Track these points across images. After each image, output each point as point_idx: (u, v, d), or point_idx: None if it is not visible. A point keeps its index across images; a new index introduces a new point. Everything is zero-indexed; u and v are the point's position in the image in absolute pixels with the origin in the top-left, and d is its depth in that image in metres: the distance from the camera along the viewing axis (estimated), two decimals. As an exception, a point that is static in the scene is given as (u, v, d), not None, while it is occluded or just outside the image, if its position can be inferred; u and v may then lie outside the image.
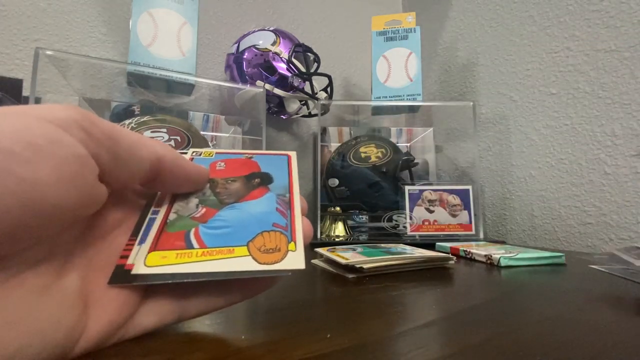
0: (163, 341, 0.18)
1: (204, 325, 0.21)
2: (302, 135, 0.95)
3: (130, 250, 0.17)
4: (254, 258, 0.17)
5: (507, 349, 0.18)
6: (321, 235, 0.69)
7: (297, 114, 0.79)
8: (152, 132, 0.53)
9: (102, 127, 0.14)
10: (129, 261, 0.17)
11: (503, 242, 0.62)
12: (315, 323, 0.22)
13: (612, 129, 0.62)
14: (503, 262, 0.41)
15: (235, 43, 0.75)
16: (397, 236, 0.69)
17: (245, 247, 0.18)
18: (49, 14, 0.65)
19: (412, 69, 0.80)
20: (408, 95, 0.80)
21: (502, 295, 0.30)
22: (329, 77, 0.74)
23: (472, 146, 0.83)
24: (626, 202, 0.59)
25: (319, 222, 0.70)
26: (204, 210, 0.20)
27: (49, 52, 0.48)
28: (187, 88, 0.65)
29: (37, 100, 0.49)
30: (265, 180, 0.22)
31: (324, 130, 0.91)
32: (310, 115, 0.81)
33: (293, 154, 0.25)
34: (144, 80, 0.61)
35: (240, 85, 0.70)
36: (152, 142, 0.17)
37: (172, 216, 0.19)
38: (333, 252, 0.41)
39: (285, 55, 0.71)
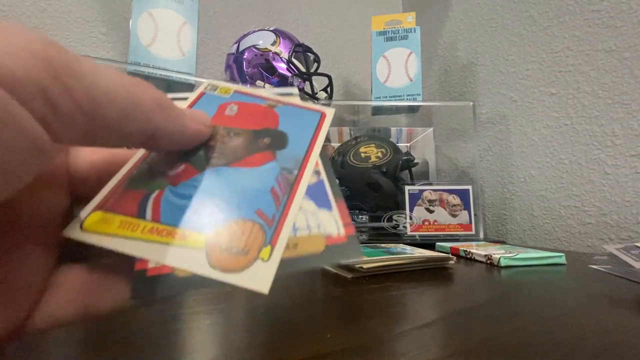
0: (163, 341, 0.18)
1: (204, 325, 0.21)
2: (302, 135, 0.95)
3: None
4: (207, 255, 0.13)
5: (507, 349, 0.18)
6: (321, 235, 0.69)
7: (297, 114, 0.79)
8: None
9: (79, 95, 0.10)
10: (151, 264, 0.13)
11: (503, 242, 0.62)
12: (315, 323, 0.22)
13: (612, 129, 0.62)
14: (503, 262, 0.41)
15: (235, 43, 0.75)
16: (397, 236, 0.69)
17: (204, 237, 0.13)
18: (49, 14, 0.65)
19: (412, 69, 0.80)
20: (408, 95, 0.80)
21: (502, 295, 0.30)
22: (329, 77, 0.74)
23: (472, 146, 0.83)
24: (626, 202, 0.59)
25: (319, 222, 0.70)
26: (183, 167, 0.15)
27: (49, 52, 0.48)
28: (187, 88, 0.65)
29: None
30: (277, 142, 0.17)
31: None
32: (310, 115, 0.81)
33: (330, 112, 0.18)
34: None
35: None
36: (148, 107, 0.13)
37: (142, 167, 0.15)
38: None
39: (285, 55, 0.71)
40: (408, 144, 0.92)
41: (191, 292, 0.28)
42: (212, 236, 0.13)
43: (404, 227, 0.69)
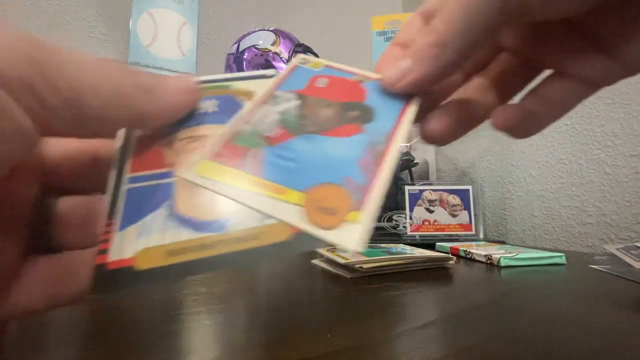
0: (163, 341, 0.18)
1: (204, 325, 0.21)
2: (302, 135, 0.95)
3: (109, 239, 0.13)
4: (305, 211, 0.14)
5: (507, 349, 0.18)
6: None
7: (297, 114, 0.79)
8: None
9: (64, 88, 0.11)
10: (112, 256, 0.13)
11: (503, 242, 0.62)
12: (315, 323, 0.22)
13: (612, 129, 0.62)
14: (503, 262, 0.41)
15: (235, 43, 0.75)
16: (397, 236, 0.69)
17: (301, 194, 0.14)
18: (49, 14, 0.65)
19: (412, 69, 0.80)
20: (408, 95, 0.80)
21: (502, 295, 0.30)
22: (329, 77, 0.74)
23: (472, 146, 0.83)
24: (626, 202, 0.59)
25: (319, 222, 0.70)
26: (280, 132, 0.16)
27: (49, 52, 0.48)
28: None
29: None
30: (365, 116, 0.17)
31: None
32: (310, 115, 0.81)
33: (416, 100, 0.18)
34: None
35: (240, 85, 0.70)
36: (131, 93, 0.13)
37: (246, 127, 0.16)
38: (333, 252, 0.41)
39: (285, 55, 0.71)
40: (408, 144, 0.92)
41: (190, 293, 0.28)
42: (307, 196, 0.14)
43: (404, 227, 0.69)
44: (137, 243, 0.13)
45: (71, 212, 0.16)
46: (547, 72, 0.18)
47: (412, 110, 0.18)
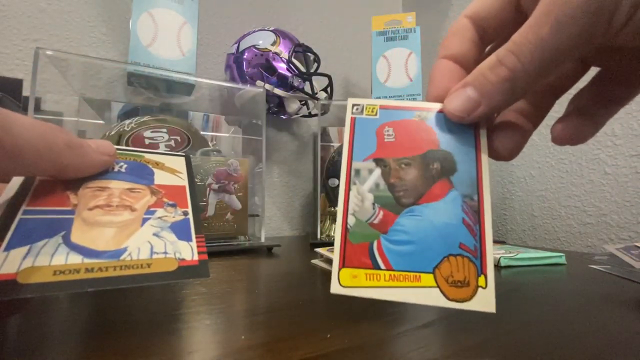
0: (163, 341, 0.18)
1: (204, 325, 0.21)
2: (302, 135, 0.95)
3: None
4: (441, 291, 0.16)
5: (507, 349, 0.18)
6: (321, 235, 0.69)
7: (297, 114, 0.79)
8: (152, 132, 0.53)
9: (7, 143, 0.14)
10: None
11: (503, 242, 0.62)
12: (315, 323, 0.22)
13: (612, 129, 0.62)
14: (503, 262, 0.41)
15: (235, 43, 0.75)
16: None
17: (432, 276, 0.16)
18: (49, 14, 0.65)
19: (412, 69, 0.80)
20: (408, 95, 0.80)
21: (502, 295, 0.30)
22: (329, 77, 0.74)
23: (472, 146, 0.82)
24: (626, 202, 0.59)
25: (319, 222, 0.70)
26: (382, 213, 0.17)
27: (49, 52, 0.48)
28: (187, 88, 0.65)
29: (37, 100, 0.49)
30: (447, 167, 0.17)
31: (324, 130, 0.91)
32: (310, 115, 0.81)
33: (484, 129, 0.18)
34: (144, 80, 0.61)
35: (240, 85, 0.70)
36: (59, 148, 0.16)
37: (350, 219, 0.18)
38: (333, 252, 0.41)
39: (285, 55, 0.71)
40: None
41: (190, 293, 0.28)
42: (437, 275, 0.16)
43: (404, 227, 0.68)
44: (22, 262, 0.15)
45: None
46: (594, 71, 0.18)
47: (484, 143, 0.18)
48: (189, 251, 0.18)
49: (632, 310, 0.25)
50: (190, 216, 0.20)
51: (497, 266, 0.41)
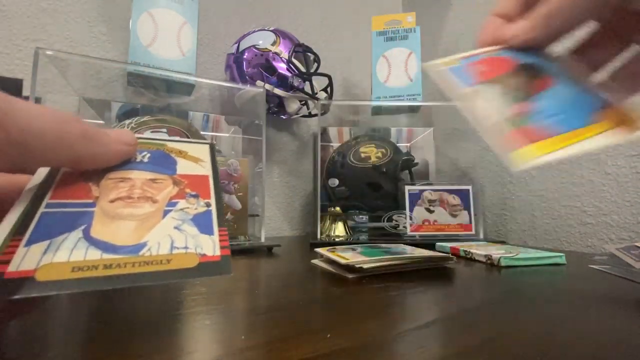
0: (163, 341, 0.18)
1: (204, 325, 0.21)
2: (302, 135, 0.95)
3: (14, 252, 0.14)
4: (617, 127, 0.17)
5: (507, 349, 0.18)
6: (321, 235, 0.69)
7: (297, 114, 0.79)
8: (152, 131, 0.53)
9: (14, 135, 0.13)
10: (11, 267, 0.14)
11: (503, 242, 0.62)
12: (315, 323, 0.22)
13: (612, 129, 0.62)
14: (503, 262, 0.41)
15: (235, 43, 0.75)
16: (397, 236, 0.69)
17: (600, 124, 0.17)
18: (49, 14, 0.65)
19: (412, 69, 0.80)
20: (408, 95, 0.80)
21: (502, 295, 0.30)
22: (329, 77, 0.74)
23: (472, 146, 0.83)
24: (626, 202, 0.59)
25: (319, 222, 0.70)
26: (519, 107, 0.19)
27: (49, 52, 0.48)
28: (187, 88, 0.65)
29: (37, 100, 0.49)
30: (541, 67, 0.20)
31: (324, 130, 0.91)
32: (310, 115, 0.81)
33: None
34: (144, 80, 0.61)
35: (240, 85, 0.70)
36: (73, 139, 0.16)
37: (508, 114, 0.18)
38: (333, 252, 0.41)
39: (285, 55, 0.71)
40: (408, 144, 0.92)
41: (190, 293, 0.28)
42: (602, 119, 0.18)
43: (404, 227, 0.69)
44: (42, 258, 0.14)
45: None
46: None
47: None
48: (210, 246, 0.17)
49: (632, 310, 0.25)
50: (213, 208, 0.20)
51: (497, 266, 0.41)
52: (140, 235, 0.17)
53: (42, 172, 0.18)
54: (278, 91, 0.71)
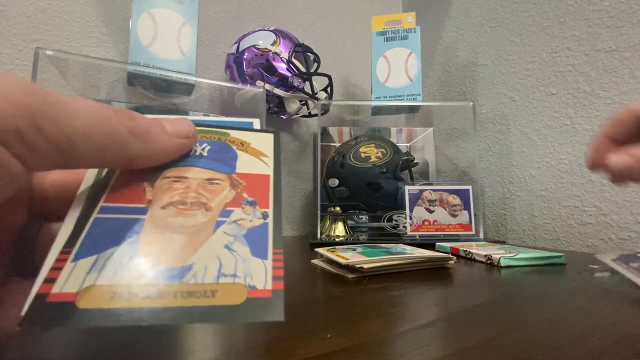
0: (163, 341, 0.18)
1: (204, 325, 0.21)
2: (302, 135, 0.95)
3: (61, 268, 0.12)
4: None
5: (507, 349, 0.18)
6: (321, 235, 0.69)
7: (297, 114, 0.79)
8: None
9: (55, 135, 0.11)
10: (57, 288, 0.12)
11: (503, 242, 0.62)
12: (315, 323, 0.22)
13: (612, 129, 0.62)
14: (503, 262, 0.41)
15: (235, 43, 0.75)
16: (397, 236, 0.69)
17: None
18: (49, 14, 0.65)
19: (412, 69, 0.80)
20: (408, 95, 0.80)
21: (502, 295, 0.30)
22: (329, 77, 0.74)
23: (472, 146, 0.83)
24: (626, 202, 0.59)
25: (319, 222, 0.70)
26: None
27: (49, 52, 0.48)
28: (187, 88, 0.65)
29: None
30: None
31: (324, 130, 0.91)
32: (310, 115, 0.81)
33: None
34: (143, 80, 0.61)
35: (240, 85, 0.70)
36: (123, 138, 0.14)
37: None
38: (333, 252, 0.41)
39: (285, 55, 0.71)
40: (408, 144, 0.92)
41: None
42: None
43: (404, 227, 0.69)
44: (85, 278, 0.12)
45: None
46: None
47: None
48: (262, 274, 0.14)
49: (632, 310, 0.25)
50: (270, 221, 0.16)
51: (497, 266, 0.41)
52: (187, 255, 0.14)
53: (94, 170, 0.16)
54: (278, 91, 0.71)
